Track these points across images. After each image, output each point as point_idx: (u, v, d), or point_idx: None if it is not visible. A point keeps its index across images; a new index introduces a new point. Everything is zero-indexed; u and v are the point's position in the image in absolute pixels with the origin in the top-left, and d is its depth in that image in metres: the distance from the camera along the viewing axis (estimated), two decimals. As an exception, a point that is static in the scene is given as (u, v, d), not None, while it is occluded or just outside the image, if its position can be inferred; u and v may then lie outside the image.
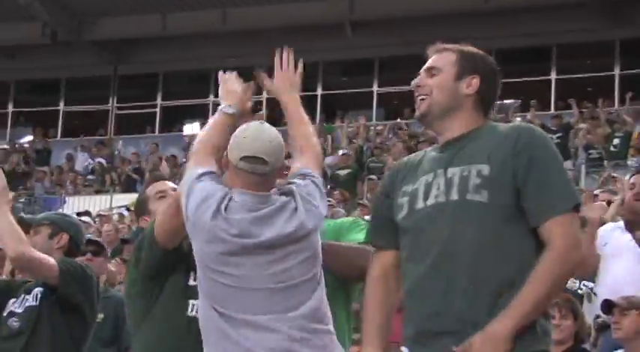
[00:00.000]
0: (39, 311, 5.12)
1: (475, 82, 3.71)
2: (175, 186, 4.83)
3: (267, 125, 4.11)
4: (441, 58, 3.81)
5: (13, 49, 29.52)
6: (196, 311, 4.33)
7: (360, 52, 27.25)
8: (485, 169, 3.47)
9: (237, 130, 4.11)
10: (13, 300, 5.27)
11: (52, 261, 5.05)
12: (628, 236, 6.91)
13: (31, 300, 5.16)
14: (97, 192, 24.48)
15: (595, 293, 7.02)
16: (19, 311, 5.19)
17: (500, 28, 24.58)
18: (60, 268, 5.03)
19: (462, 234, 3.43)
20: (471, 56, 3.80)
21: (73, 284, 4.90)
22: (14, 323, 5.15)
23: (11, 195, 5.24)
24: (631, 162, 19.01)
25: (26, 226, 5.39)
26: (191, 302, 4.46)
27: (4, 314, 5.25)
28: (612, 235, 7.14)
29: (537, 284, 3.34)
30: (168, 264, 4.41)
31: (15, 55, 29.71)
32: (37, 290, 5.18)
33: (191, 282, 4.46)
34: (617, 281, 6.55)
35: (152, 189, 4.82)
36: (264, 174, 3.96)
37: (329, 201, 10.22)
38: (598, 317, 6.69)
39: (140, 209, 4.85)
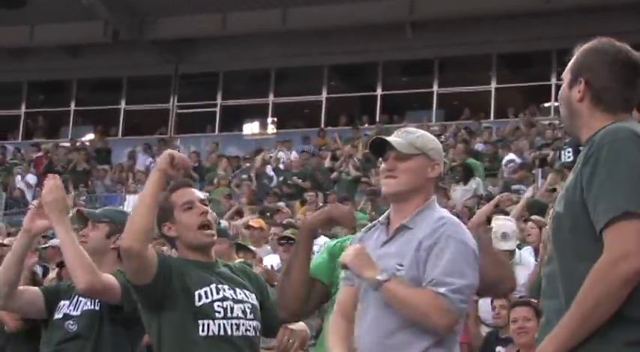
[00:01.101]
0: (100, 314, 5.01)
1: None
2: (202, 197, 4.80)
3: None
4: None
5: (75, 48, 29.78)
6: (207, 331, 4.47)
7: (419, 53, 27.11)
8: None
9: None
10: (65, 303, 5.14)
11: (115, 284, 4.91)
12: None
13: (89, 304, 5.04)
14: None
15: None
16: (76, 314, 5.06)
17: (563, 28, 24.27)
18: (122, 289, 4.89)
19: None
20: None
21: (134, 301, 4.83)
22: (70, 326, 5.02)
23: (70, 199, 5.14)
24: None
25: (85, 220, 5.31)
26: (200, 322, 4.50)
27: (58, 316, 5.10)
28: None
29: (580, 302, 3.17)
30: (157, 294, 4.47)
31: (77, 53, 29.95)
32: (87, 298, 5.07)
33: (197, 303, 4.51)
34: None
35: (179, 198, 4.74)
36: None
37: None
38: None
39: (163, 216, 4.71)
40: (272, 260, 10.03)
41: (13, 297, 5.06)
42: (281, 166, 23.27)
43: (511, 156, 19.46)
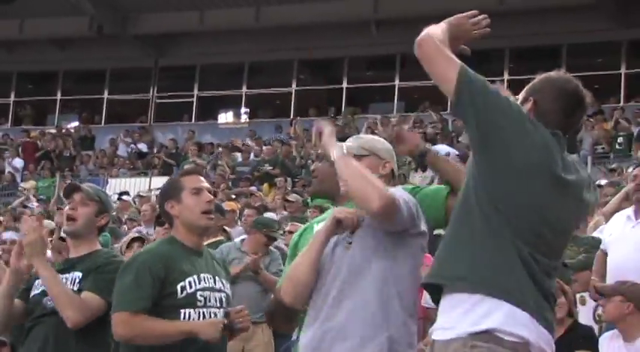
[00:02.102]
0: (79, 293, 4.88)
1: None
2: (210, 187, 4.81)
3: None
4: None
5: (62, 42, 29.67)
6: (188, 319, 4.51)
7: (382, 49, 27.20)
8: None
9: None
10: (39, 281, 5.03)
11: (99, 303, 4.83)
12: (629, 224, 6.87)
13: (69, 284, 4.93)
14: (137, 174, 24.55)
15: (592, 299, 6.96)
16: None
17: (517, 28, 24.45)
18: (107, 303, 4.81)
19: None
20: None
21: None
22: (49, 302, 4.91)
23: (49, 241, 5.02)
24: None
25: (69, 193, 5.20)
26: (182, 311, 4.52)
27: (36, 292, 5.01)
28: (615, 224, 7.10)
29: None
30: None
31: (64, 46, 29.85)
32: (76, 275, 4.97)
33: (180, 295, 4.52)
34: (619, 268, 6.50)
35: (189, 181, 4.74)
36: None
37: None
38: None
39: (169, 193, 4.75)
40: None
41: (9, 325, 5.08)
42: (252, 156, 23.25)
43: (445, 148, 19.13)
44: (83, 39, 29.01)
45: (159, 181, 21.72)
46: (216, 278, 4.69)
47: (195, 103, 29.73)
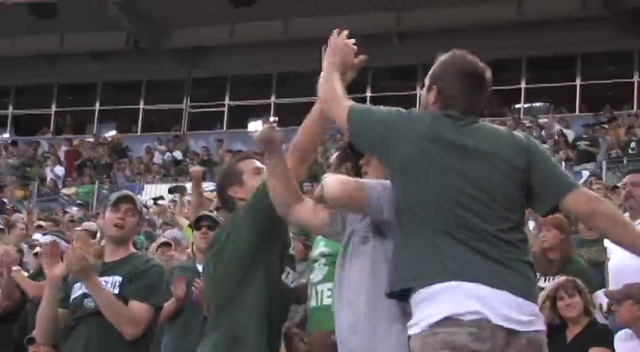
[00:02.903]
0: (120, 297, 4.91)
1: None
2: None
3: None
4: None
5: (100, 55, 29.77)
6: None
7: (405, 60, 27.21)
8: None
9: None
10: (79, 284, 5.02)
11: (150, 311, 4.89)
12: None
13: (110, 287, 4.94)
14: (171, 181, 24.62)
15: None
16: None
17: (534, 38, 24.39)
18: (152, 307, 4.90)
19: None
20: None
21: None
22: (90, 303, 4.92)
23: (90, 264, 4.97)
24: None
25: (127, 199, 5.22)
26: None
27: (76, 295, 5.00)
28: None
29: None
30: None
31: (102, 59, 29.94)
32: (117, 279, 4.98)
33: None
34: (618, 272, 6.41)
35: (248, 165, 4.65)
36: None
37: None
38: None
39: (230, 178, 4.63)
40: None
41: (56, 335, 5.02)
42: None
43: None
44: (120, 52, 29.11)
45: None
46: None
47: (226, 112, 29.78)
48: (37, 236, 12.23)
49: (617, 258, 6.34)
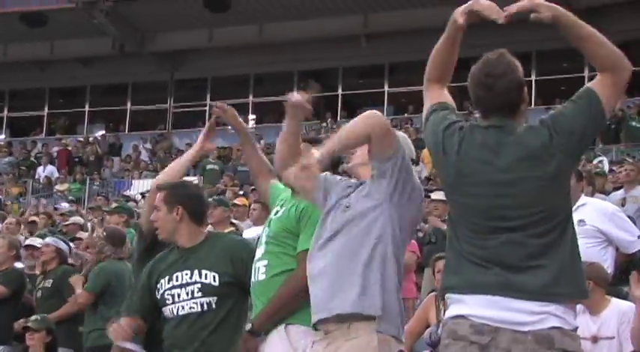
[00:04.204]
0: None
1: None
2: None
3: None
4: None
5: (89, 60, 29.64)
6: None
7: (372, 59, 27.25)
8: None
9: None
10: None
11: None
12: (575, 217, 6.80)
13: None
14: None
15: None
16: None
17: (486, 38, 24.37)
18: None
19: None
20: None
21: None
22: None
23: None
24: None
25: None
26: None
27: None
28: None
29: None
30: None
31: (90, 64, 29.82)
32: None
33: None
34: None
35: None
36: None
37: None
38: None
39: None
40: (252, 232, 9.94)
41: None
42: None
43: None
44: (107, 57, 28.97)
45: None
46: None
47: (208, 111, 29.73)
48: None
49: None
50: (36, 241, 9.48)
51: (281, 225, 4.24)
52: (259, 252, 4.29)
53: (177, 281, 4.51)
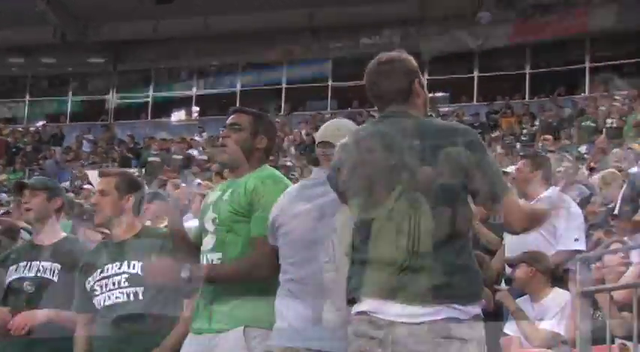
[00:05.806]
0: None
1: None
2: None
3: None
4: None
5: (29, 48, 29.29)
6: None
7: (317, 53, 27.31)
8: None
9: None
10: (18, 266, 4.96)
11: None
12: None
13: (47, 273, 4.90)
14: (99, 167, 24.30)
15: None
16: (31, 275, 4.91)
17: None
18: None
19: None
20: None
21: None
22: (28, 286, 4.85)
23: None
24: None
25: (19, 191, 5.08)
26: None
27: (13, 278, 4.93)
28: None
29: None
30: None
31: (31, 53, 29.46)
32: (55, 266, 4.90)
33: None
34: (515, 248, 6.51)
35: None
36: None
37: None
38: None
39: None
40: (193, 223, 9.87)
41: None
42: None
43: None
44: (48, 46, 28.65)
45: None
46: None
47: (150, 103, 29.53)
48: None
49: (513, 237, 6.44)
50: None
51: (230, 209, 4.13)
52: (209, 242, 4.21)
53: (107, 272, 4.52)
